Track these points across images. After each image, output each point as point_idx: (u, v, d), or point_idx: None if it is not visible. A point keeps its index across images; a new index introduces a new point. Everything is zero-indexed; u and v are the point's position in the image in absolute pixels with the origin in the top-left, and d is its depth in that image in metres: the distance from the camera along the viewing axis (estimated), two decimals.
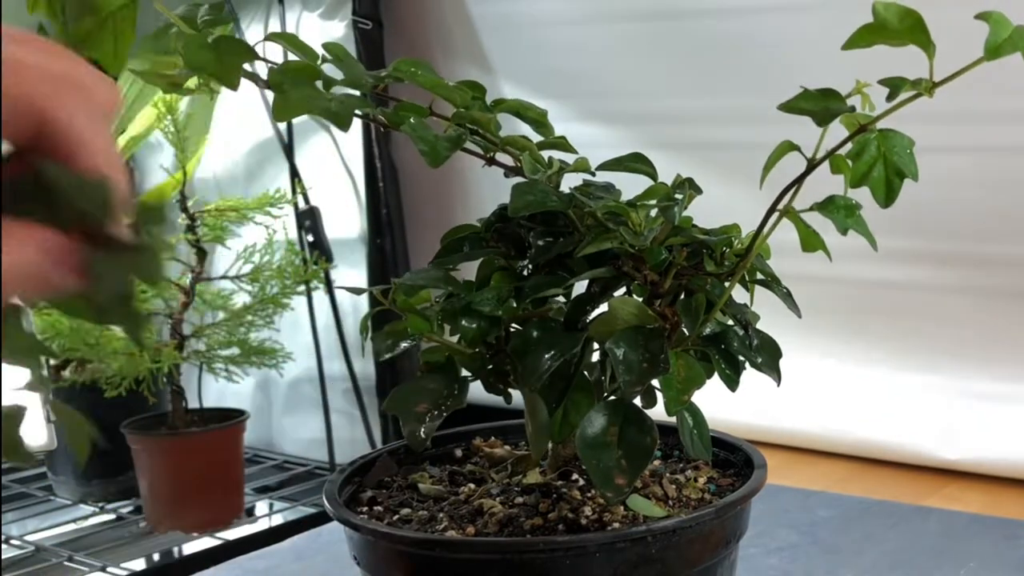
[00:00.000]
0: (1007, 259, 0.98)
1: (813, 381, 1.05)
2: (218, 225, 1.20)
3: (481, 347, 0.48)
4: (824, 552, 0.76)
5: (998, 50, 0.42)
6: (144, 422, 1.24)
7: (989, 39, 0.42)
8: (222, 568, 0.83)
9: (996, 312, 0.98)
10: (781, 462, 1.02)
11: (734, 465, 0.54)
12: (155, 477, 1.21)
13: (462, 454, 0.58)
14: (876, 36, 0.43)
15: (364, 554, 0.48)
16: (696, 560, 0.46)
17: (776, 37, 1.04)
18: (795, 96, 0.45)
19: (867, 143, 0.44)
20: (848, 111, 0.44)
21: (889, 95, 0.43)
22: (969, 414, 0.98)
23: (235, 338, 1.25)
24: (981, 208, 0.96)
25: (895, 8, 0.42)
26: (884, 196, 0.44)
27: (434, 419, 0.48)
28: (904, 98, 0.43)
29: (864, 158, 0.44)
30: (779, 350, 0.46)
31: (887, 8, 0.42)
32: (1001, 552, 0.75)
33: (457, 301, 0.48)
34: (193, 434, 1.22)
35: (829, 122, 0.44)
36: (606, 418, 0.45)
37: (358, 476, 0.55)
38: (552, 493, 0.50)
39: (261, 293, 1.25)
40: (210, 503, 1.22)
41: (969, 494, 0.93)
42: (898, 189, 0.44)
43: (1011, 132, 0.94)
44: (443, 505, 0.51)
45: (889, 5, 0.42)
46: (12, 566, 1.15)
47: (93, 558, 1.15)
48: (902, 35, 0.43)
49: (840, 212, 0.46)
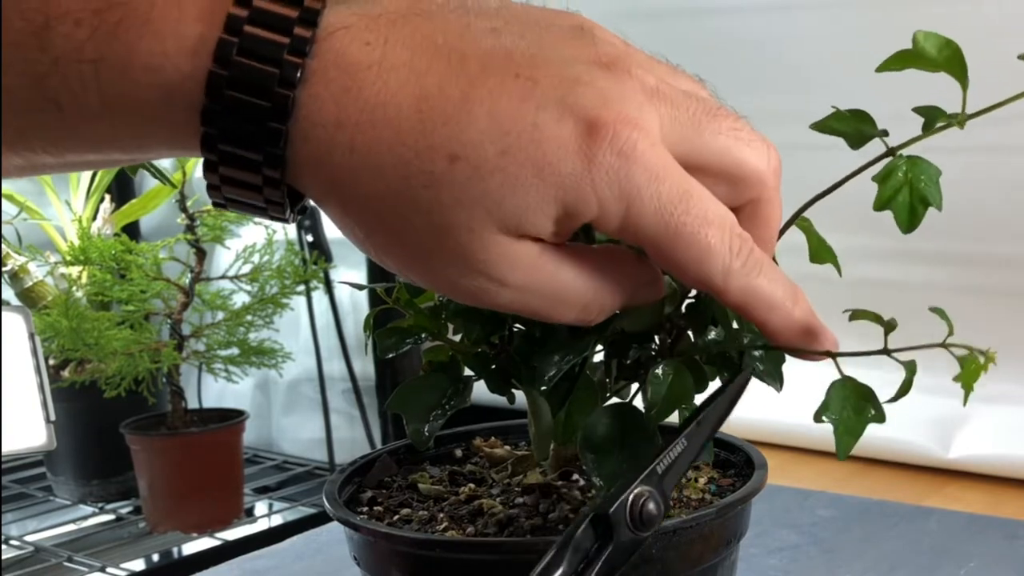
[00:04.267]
0: (1007, 259, 0.98)
1: (813, 381, 1.05)
2: (217, 225, 1.20)
3: (485, 347, 0.48)
4: (824, 552, 0.76)
5: None
6: (144, 422, 1.23)
7: None
8: (222, 568, 0.83)
9: (996, 312, 0.98)
10: (781, 462, 1.02)
11: (734, 465, 0.54)
12: (155, 477, 1.21)
13: (462, 454, 0.58)
14: (912, 63, 0.44)
15: (364, 554, 0.48)
16: (697, 560, 0.46)
17: (776, 36, 1.04)
18: (827, 116, 0.45)
19: (895, 168, 0.44)
20: (880, 135, 0.44)
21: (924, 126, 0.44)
22: (969, 414, 0.98)
23: (234, 338, 1.25)
24: (981, 208, 0.96)
25: (934, 39, 0.43)
26: (907, 222, 0.45)
27: (438, 418, 0.49)
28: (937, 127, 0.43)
29: (890, 183, 0.44)
30: (783, 356, 0.46)
31: (927, 38, 0.43)
32: (1002, 552, 0.75)
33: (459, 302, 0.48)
34: (193, 434, 1.22)
35: (862, 145, 0.44)
36: (608, 420, 0.45)
37: (358, 476, 0.54)
38: (552, 493, 0.50)
39: (260, 293, 1.25)
40: (210, 503, 1.22)
41: (969, 494, 0.93)
42: (921, 216, 0.44)
43: (1011, 132, 0.94)
44: (443, 505, 0.51)
45: (929, 35, 0.43)
46: (12, 566, 1.15)
47: (93, 558, 1.15)
48: (939, 65, 0.43)
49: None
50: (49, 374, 0.97)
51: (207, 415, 1.27)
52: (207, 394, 1.49)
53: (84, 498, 1.33)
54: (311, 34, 0.34)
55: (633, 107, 0.36)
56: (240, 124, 0.35)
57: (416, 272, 0.38)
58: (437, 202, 0.35)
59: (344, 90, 0.35)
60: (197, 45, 0.34)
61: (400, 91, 0.35)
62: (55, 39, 0.34)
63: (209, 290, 1.25)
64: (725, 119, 0.38)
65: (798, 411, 1.08)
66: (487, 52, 0.35)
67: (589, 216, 0.36)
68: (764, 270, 0.39)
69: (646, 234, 0.36)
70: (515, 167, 0.35)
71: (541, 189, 0.35)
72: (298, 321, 1.45)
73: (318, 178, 0.36)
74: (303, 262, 1.30)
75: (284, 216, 0.38)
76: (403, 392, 0.49)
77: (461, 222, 0.35)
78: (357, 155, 0.35)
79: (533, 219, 0.36)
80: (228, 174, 0.36)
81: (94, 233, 1.27)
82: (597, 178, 0.35)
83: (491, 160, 0.35)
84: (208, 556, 1.15)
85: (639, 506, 0.39)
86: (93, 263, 1.20)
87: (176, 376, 1.22)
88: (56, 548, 1.20)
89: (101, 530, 1.28)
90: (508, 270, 0.36)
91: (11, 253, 1.25)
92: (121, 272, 1.21)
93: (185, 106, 0.35)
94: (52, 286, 1.28)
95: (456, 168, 0.35)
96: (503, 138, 0.35)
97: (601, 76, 0.36)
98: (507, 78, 0.35)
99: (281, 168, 0.35)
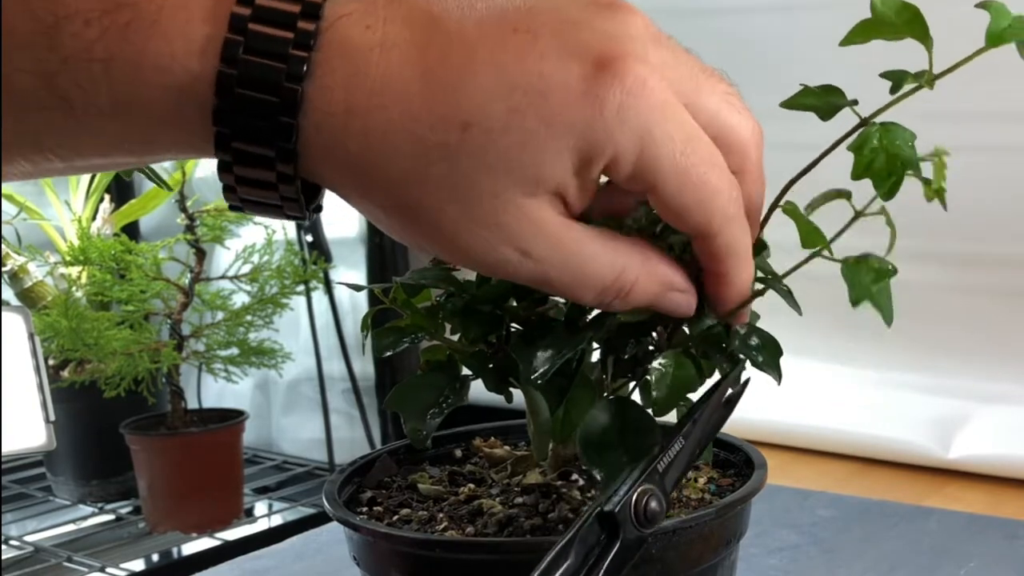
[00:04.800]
0: (1008, 259, 0.98)
1: (813, 381, 1.05)
2: (217, 225, 1.20)
3: (482, 346, 0.48)
4: (824, 552, 0.76)
5: (999, 38, 0.42)
6: (143, 422, 1.23)
7: (990, 27, 0.42)
8: (222, 568, 0.83)
9: (996, 312, 0.98)
10: (781, 462, 1.02)
11: (734, 465, 0.54)
12: (154, 477, 1.21)
13: (462, 454, 0.58)
14: (873, 31, 0.43)
15: (364, 554, 0.48)
16: (696, 560, 0.46)
17: (776, 36, 1.04)
18: (797, 93, 0.45)
19: (868, 136, 0.44)
20: (851, 104, 0.44)
21: (892, 88, 0.43)
22: (969, 414, 0.98)
23: (234, 338, 1.25)
24: (981, 208, 0.96)
25: (892, 2, 0.42)
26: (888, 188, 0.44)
27: (435, 417, 0.49)
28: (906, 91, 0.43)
29: (865, 151, 0.44)
30: (780, 348, 0.46)
31: (884, 3, 0.42)
32: (1002, 552, 0.75)
33: (458, 300, 0.48)
34: (192, 434, 1.22)
35: (832, 116, 0.44)
36: (607, 417, 0.44)
37: (358, 476, 0.54)
38: (552, 493, 0.50)
39: (260, 293, 1.25)
40: (209, 503, 1.22)
41: (969, 494, 0.93)
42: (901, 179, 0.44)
43: (1012, 132, 0.94)
44: (443, 505, 0.51)
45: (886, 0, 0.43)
46: (12, 566, 1.15)
47: (92, 558, 1.15)
48: (900, 29, 0.43)
49: (870, 275, 0.42)
50: (49, 374, 0.97)
51: (207, 415, 1.27)
52: (207, 394, 1.49)
53: (84, 498, 1.33)
54: (314, 27, 0.35)
55: (639, 44, 0.35)
56: (251, 121, 0.35)
57: (443, 247, 0.37)
58: (457, 172, 0.35)
59: (350, 76, 0.35)
60: (205, 45, 0.34)
61: (404, 68, 0.35)
62: (64, 38, 0.34)
63: (209, 290, 1.25)
64: (720, 82, 0.39)
65: (798, 411, 1.08)
66: (483, 15, 0.35)
67: (605, 158, 0.35)
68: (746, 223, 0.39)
69: (658, 175, 0.36)
70: (526, 122, 0.34)
71: (554, 139, 0.35)
72: (298, 321, 1.45)
73: (335, 167, 0.36)
74: (303, 262, 1.30)
75: (301, 214, 0.37)
76: (401, 391, 0.49)
77: (485, 188, 0.35)
78: (371, 138, 0.35)
79: (552, 172, 0.35)
80: (243, 173, 0.36)
81: (94, 233, 1.27)
82: (609, 118, 0.35)
83: (502, 119, 0.34)
84: (208, 556, 1.15)
85: (643, 504, 0.39)
86: (93, 263, 1.20)
87: (176, 376, 1.22)
88: (56, 548, 1.20)
89: (101, 530, 1.28)
90: (531, 238, 0.36)
91: (11, 253, 1.25)
92: (121, 272, 1.21)
93: (196, 106, 0.35)
94: (52, 286, 1.29)
95: (470, 135, 0.34)
96: (510, 95, 0.34)
97: (601, 16, 0.36)
98: (506, 35, 0.35)
99: (294, 163, 0.35)
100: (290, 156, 0.35)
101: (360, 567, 0.49)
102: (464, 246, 0.37)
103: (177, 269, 1.23)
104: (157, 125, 0.36)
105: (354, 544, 0.49)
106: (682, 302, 0.41)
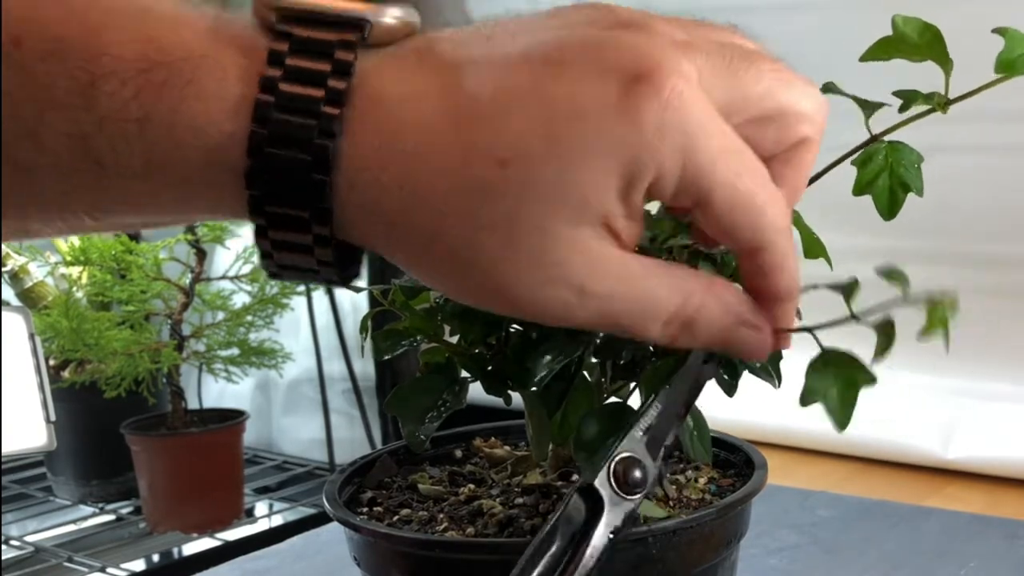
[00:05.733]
0: (1007, 259, 0.98)
1: None
2: (218, 225, 1.20)
3: (481, 348, 0.48)
4: (824, 552, 0.76)
5: (1012, 65, 0.42)
6: (144, 422, 1.23)
7: (1003, 54, 0.42)
8: (222, 568, 0.83)
9: (996, 312, 0.98)
10: (781, 462, 1.02)
11: (734, 465, 0.54)
12: (155, 477, 1.21)
13: (462, 455, 0.58)
14: (894, 49, 0.43)
15: (364, 555, 0.48)
16: (697, 561, 0.46)
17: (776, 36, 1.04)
18: None
19: (875, 153, 0.44)
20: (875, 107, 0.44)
21: (901, 107, 0.43)
22: (969, 414, 0.98)
23: (234, 338, 1.25)
24: (981, 208, 0.96)
25: (914, 22, 0.42)
26: (887, 207, 0.44)
27: (433, 420, 0.49)
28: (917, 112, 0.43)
29: (870, 167, 0.44)
30: (779, 353, 0.46)
31: (906, 22, 0.42)
32: (1002, 552, 0.75)
33: (457, 302, 0.48)
34: (193, 434, 1.21)
35: None
36: (598, 421, 0.45)
37: (358, 477, 0.55)
38: (552, 494, 0.50)
39: (260, 293, 1.25)
40: (210, 504, 1.22)
41: (970, 494, 0.93)
42: (901, 202, 0.44)
43: (1011, 131, 0.94)
44: (443, 506, 0.51)
45: (908, 19, 0.42)
46: (12, 567, 1.15)
47: (93, 559, 1.15)
48: (920, 50, 0.42)
49: (836, 384, 0.40)
50: (49, 374, 0.97)
51: (207, 415, 1.27)
52: (207, 394, 1.48)
53: (84, 498, 1.33)
54: (345, 84, 0.34)
55: (669, 56, 0.34)
56: (283, 181, 0.34)
57: (496, 298, 0.36)
58: (498, 212, 0.34)
59: (382, 130, 0.34)
60: (239, 105, 0.34)
61: (435, 115, 0.34)
62: (101, 97, 0.34)
63: (209, 290, 1.25)
64: (764, 61, 0.37)
65: (798, 411, 1.08)
66: (511, 55, 0.35)
67: (649, 176, 0.34)
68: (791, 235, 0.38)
69: (704, 192, 0.35)
70: (565, 148, 0.33)
71: (595, 160, 0.34)
72: (298, 321, 1.45)
73: (372, 224, 0.35)
74: None
75: (338, 279, 0.36)
76: (400, 393, 0.49)
77: (529, 223, 0.34)
78: (406, 191, 0.34)
79: (596, 196, 0.34)
80: (278, 237, 0.35)
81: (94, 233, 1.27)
82: (648, 133, 0.33)
83: (540, 150, 0.33)
84: (208, 556, 1.15)
85: (622, 470, 0.39)
86: (93, 263, 1.20)
87: (176, 376, 1.22)
88: (56, 548, 1.20)
89: (101, 530, 1.28)
90: (587, 272, 0.35)
91: (11, 253, 1.25)
92: (121, 272, 1.21)
93: (229, 169, 0.34)
94: (52, 286, 1.29)
95: (508, 171, 0.33)
96: (546, 124, 0.33)
97: (628, 33, 0.35)
98: (535, 68, 0.34)
99: (329, 223, 0.34)
100: (325, 216, 0.34)
101: (360, 567, 0.49)
102: (517, 293, 0.35)
103: (178, 269, 1.23)
104: (189, 185, 0.35)
105: (354, 544, 0.49)
106: (753, 342, 0.39)
